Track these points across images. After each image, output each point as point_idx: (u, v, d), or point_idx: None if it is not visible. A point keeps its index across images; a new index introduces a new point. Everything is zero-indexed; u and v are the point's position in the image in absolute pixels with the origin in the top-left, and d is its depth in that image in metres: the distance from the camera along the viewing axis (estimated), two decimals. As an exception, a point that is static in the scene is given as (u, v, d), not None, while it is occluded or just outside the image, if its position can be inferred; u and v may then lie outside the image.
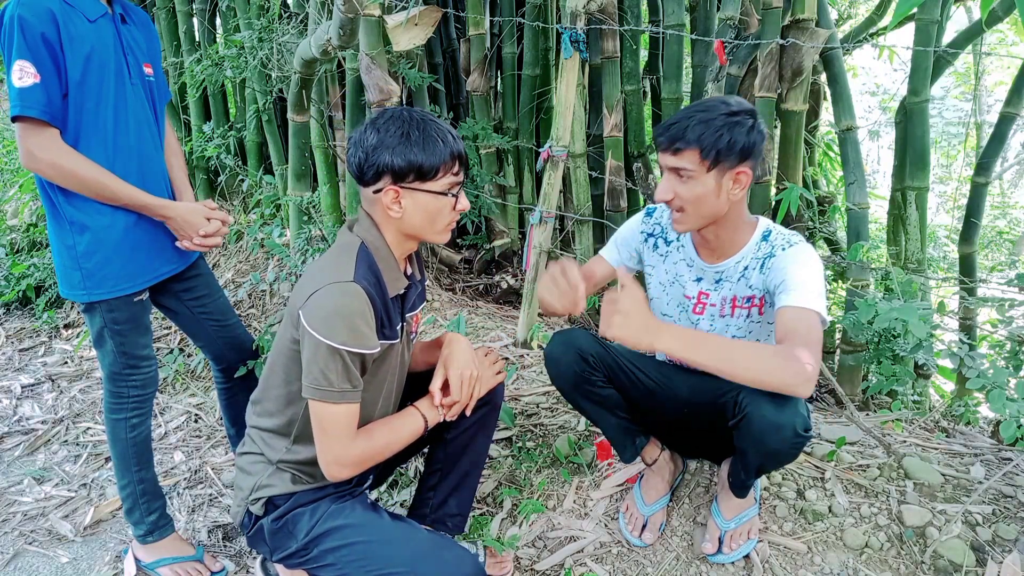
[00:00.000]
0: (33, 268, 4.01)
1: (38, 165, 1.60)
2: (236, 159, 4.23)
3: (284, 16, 3.67)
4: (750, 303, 1.68)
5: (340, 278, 1.40)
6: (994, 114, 3.93)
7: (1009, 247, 6.41)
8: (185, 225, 1.77)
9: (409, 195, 1.43)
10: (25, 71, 1.53)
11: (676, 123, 1.52)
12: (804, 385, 1.38)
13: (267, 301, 3.54)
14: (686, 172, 1.52)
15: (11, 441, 2.76)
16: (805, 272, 1.53)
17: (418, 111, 1.46)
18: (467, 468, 1.78)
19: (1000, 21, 3.05)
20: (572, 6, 2.54)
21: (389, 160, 1.40)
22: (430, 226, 1.49)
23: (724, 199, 1.55)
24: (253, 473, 1.57)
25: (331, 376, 1.39)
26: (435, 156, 1.41)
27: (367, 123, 1.46)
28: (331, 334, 1.37)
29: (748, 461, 1.62)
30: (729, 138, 1.48)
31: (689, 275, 1.76)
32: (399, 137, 1.40)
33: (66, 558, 2.08)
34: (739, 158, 1.51)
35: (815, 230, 3.15)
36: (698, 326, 1.76)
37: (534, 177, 3.66)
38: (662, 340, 1.41)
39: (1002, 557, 1.70)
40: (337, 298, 1.38)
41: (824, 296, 1.53)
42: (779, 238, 1.63)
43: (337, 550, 1.47)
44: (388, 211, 1.45)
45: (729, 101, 1.53)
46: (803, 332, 1.43)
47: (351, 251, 1.46)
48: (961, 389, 2.94)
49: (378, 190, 1.44)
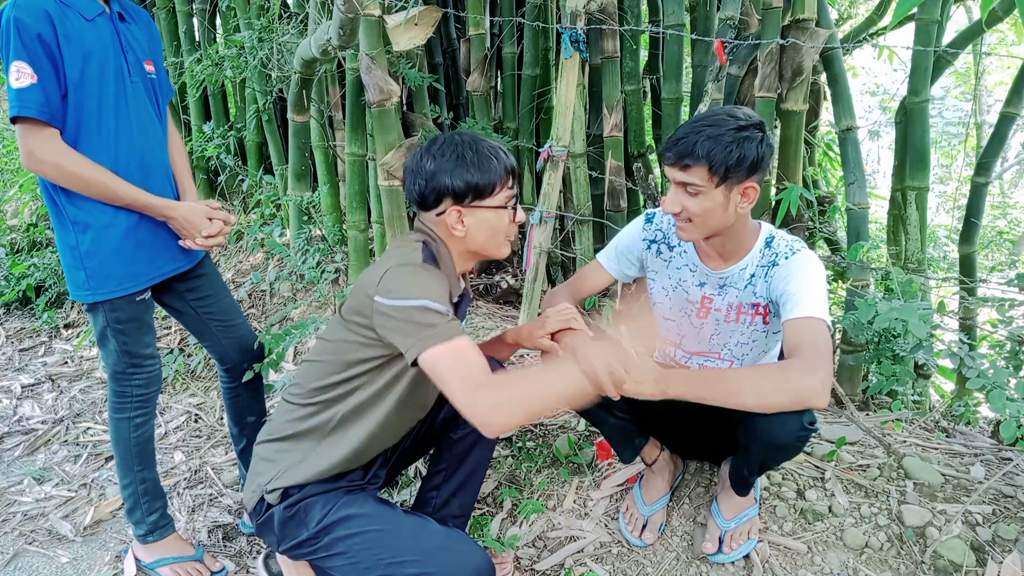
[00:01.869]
0: (33, 268, 4.01)
1: (39, 166, 1.60)
2: (236, 159, 4.24)
3: (284, 16, 3.67)
4: (755, 310, 1.68)
5: (407, 260, 1.45)
6: (994, 114, 3.93)
7: (1009, 247, 6.41)
8: (188, 225, 1.77)
9: (471, 213, 1.49)
10: (22, 72, 1.53)
11: (684, 138, 1.50)
12: (818, 399, 1.39)
13: (267, 301, 3.54)
14: (694, 187, 1.52)
15: (11, 441, 2.76)
16: (808, 281, 1.53)
17: (468, 133, 1.53)
18: (472, 469, 1.78)
19: (1000, 21, 3.05)
20: (572, 6, 2.54)
21: (448, 183, 1.46)
22: (492, 240, 1.55)
23: (732, 212, 1.56)
24: (277, 461, 1.57)
25: (432, 319, 1.34)
26: (491, 174, 1.47)
27: (421, 151, 1.51)
28: (419, 292, 1.36)
29: (751, 457, 1.62)
30: (739, 154, 1.47)
31: (692, 280, 1.76)
32: (455, 160, 1.46)
33: (66, 558, 2.08)
34: (748, 173, 1.50)
35: (815, 230, 3.15)
36: (702, 331, 1.77)
37: (534, 177, 3.66)
38: (673, 387, 1.45)
39: (1002, 557, 1.70)
40: (411, 268, 1.42)
41: (827, 301, 1.54)
42: (782, 244, 1.63)
43: (349, 538, 1.47)
44: (452, 231, 1.50)
45: (737, 114, 1.52)
46: (811, 344, 1.43)
47: (415, 246, 1.51)
48: (961, 389, 2.94)
49: (440, 212, 1.50)
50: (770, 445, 1.55)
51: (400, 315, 1.37)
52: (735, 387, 1.42)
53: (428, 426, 1.79)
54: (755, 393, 1.40)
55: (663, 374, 1.46)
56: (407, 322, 1.36)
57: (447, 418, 1.77)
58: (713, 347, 1.77)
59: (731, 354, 1.76)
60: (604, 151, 3.15)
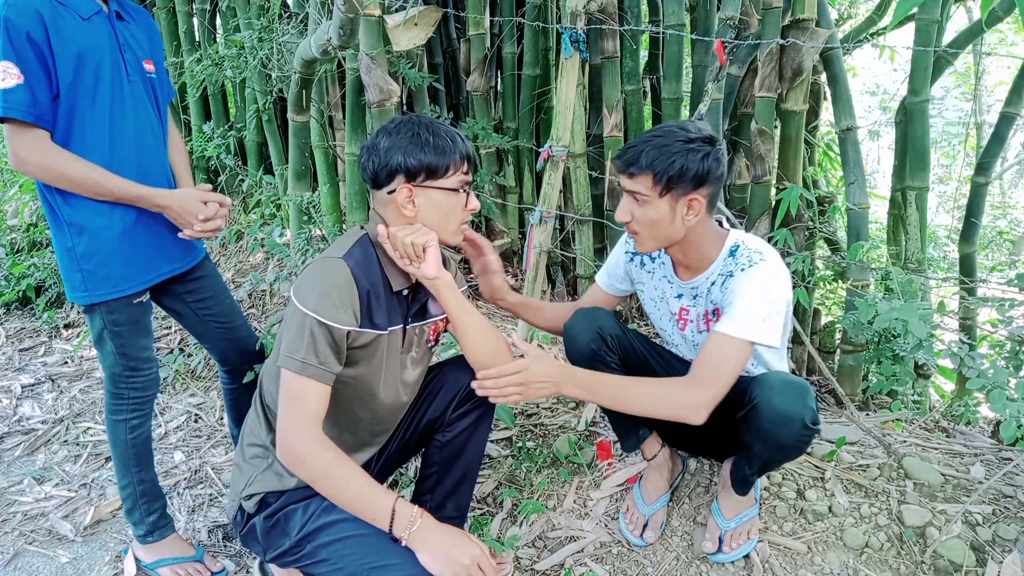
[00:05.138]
0: (33, 268, 4.01)
1: (25, 167, 1.59)
2: (236, 159, 4.24)
3: (284, 16, 3.67)
4: (716, 316, 1.68)
5: (330, 255, 1.48)
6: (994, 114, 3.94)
7: (1009, 247, 6.41)
8: (183, 212, 1.73)
9: (422, 193, 1.48)
10: (8, 72, 1.51)
11: (633, 147, 1.55)
12: (695, 416, 1.48)
13: (267, 301, 3.54)
14: (641, 196, 1.55)
15: (11, 441, 2.75)
16: (751, 296, 1.53)
17: (426, 116, 1.52)
18: (463, 471, 1.77)
19: (1000, 21, 3.05)
20: (572, 6, 2.54)
21: (402, 160, 1.46)
22: (443, 225, 1.53)
23: (679, 224, 1.57)
24: (248, 469, 1.57)
25: (299, 343, 1.40)
26: (445, 155, 1.47)
27: (378, 130, 1.51)
28: (305, 299, 1.42)
29: (754, 455, 1.62)
30: (683, 165, 1.50)
31: (671, 292, 1.78)
32: (410, 139, 1.46)
33: (66, 558, 2.08)
34: (692, 185, 1.52)
35: (815, 230, 3.15)
36: (686, 341, 1.80)
37: (534, 177, 3.66)
38: (568, 386, 1.51)
39: (1002, 557, 1.70)
40: (319, 268, 1.46)
41: (771, 321, 1.52)
42: (743, 256, 1.61)
43: (331, 545, 1.45)
44: (402, 210, 1.49)
45: (689, 128, 1.55)
46: (716, 363, 1.51)
47: (351, 237, 1.53)
48: (961, 389, 2.94)
49: (392, 191, 1.48)
50: (773, 445, 1.56)
51: (288, 313, 1.45)
52: (619, 393, 1.53)
53: (413, 429, 1.78)
54: (639, 402, 1.52)
55: (562, 373, 1.51)
56: (287, 325, 1.44)
57: (431, 420, 1.76)
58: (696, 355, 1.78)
59: None
60: (604, 151, 3.15)
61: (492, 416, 1.80)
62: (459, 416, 1.74)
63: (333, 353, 1.43)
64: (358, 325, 1.46)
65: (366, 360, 1.52)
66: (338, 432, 1.55)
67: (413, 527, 1.36)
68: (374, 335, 1.50)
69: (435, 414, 1.75)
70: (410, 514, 1.37)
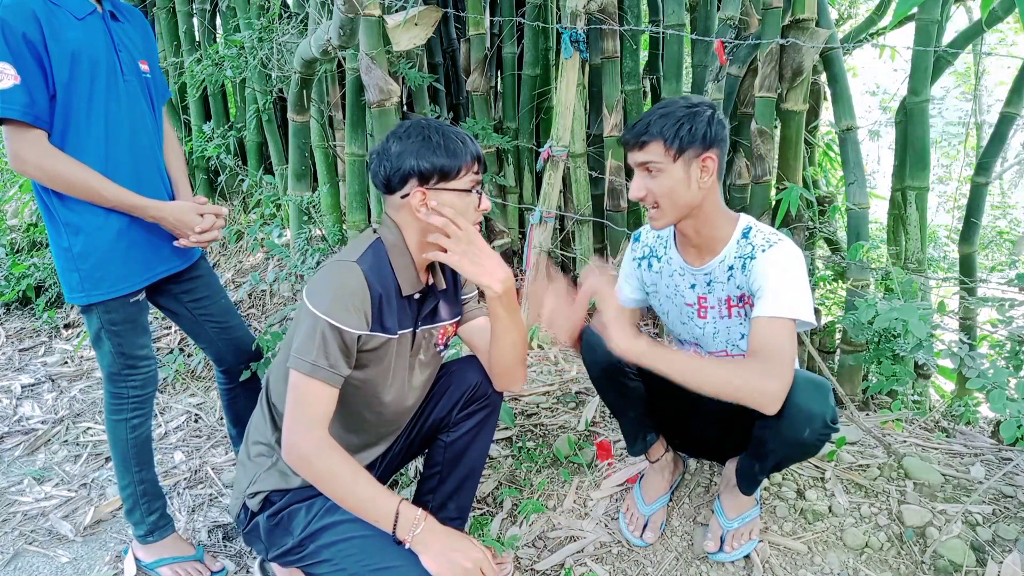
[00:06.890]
0: (33, 268, 4.01)
1: (24, 168, 1.59)
2: (236, 159, 4.24)
3: (284, 16, 3.68)
4: (742, 302, 1.68)
5: (343, 258, 1.48)
6: (994, 114, 3.93)
7: (1009, 247, 6.41)
8: (179, 224, 1.75)
9: (435, 195, 1.47)
10: (5, 73, 1.51)
11: (639, 122, 1.59)
12: (772, 406, 1.45)
13: (267, 301, 3.54)
14: (654, 165, 1.57)
15: (11, 441, 2.76)
16: (783, 276, 1.54)
17: (433, 119, 1.53)
18: (466, 472, 1.77)
19: (1000, 21, 3.05)
20: (572, 6, 2.54)
21: (414, 164, 1.45)
22: None
23: (695, 188, 1.58)
24: (252, 467, 1.57)
25: (310, 345, 1.40)
26: (457, 157, 1.47)
27: (388, 135, 1.51)
28: (317, 301, 1.42)
29: (768, 453, 1.60)
30: (690, 126, 1.54)
31: (684, 283, 1.77)
32: (421, 142, 1.46)
33: (66, 558, 2.08)
34: (703, 146, 1.55)
35: (815, 230, 3.15)
36: (704, 330, 1.77)
37: (534, 177, 3.66)
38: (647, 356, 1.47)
39: (1002, 557, 1.70)
40: (333, 271, 1.46)
41: (804, 297, 1.53)
42: (759, 236, 1.63)
43: (334, 545, 1.45)
44: (416, 213, 1.48)
45: (690, 98, 1.61)
46: (775, 348, 1.48)
47: (365, 241, 1.53)
48: (961, 389, 2.94)
49: (405, 195, 1.48)
50: (792, 442, 1.54)
51: (299, 314, 1.45)
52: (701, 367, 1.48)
53: (417, 429, 1.78)
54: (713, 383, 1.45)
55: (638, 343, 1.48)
56: (298, 325, 1.44)
57: (436, 420, 1.76)
58: (718, 345, 1.78)
59: (739, 350, 1.76)
60: (604, 151, 3.16)
61: (497, 417, 1.79)
62: (464, 417, 1.74)
63: (343, 356, 1.43)
64: (369, 329, 1.46)
65: (375, 363, 1.53)
66: (344, 433, 1.56)
67: (417, 530, 1.36)
68: (384, 339, 1.51)
69: (440, 414, 1.75)
70: (414, 517, 1.37)
